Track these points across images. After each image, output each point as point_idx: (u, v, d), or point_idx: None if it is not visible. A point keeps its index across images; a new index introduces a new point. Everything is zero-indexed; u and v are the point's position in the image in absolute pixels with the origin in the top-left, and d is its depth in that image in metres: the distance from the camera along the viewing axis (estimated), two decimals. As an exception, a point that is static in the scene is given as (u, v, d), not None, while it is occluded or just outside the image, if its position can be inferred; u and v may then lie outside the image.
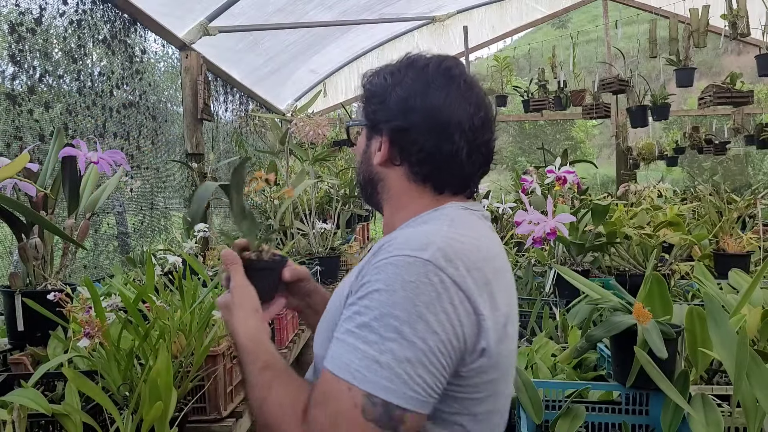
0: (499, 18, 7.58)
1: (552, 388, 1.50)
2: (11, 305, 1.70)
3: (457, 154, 1.01)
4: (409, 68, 1.07)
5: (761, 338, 1.64)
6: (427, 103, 1.01)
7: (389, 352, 0.81)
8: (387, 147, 1.03)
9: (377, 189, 1.07)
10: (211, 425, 1.82)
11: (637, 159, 8.51)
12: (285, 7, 5.13)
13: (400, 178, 1.04)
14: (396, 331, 0.81)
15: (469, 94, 1.04)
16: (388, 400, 0.80)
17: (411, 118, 1.01)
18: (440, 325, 0.83)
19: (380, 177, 1.06)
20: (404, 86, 1.04)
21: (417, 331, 0.81)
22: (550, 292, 2.53)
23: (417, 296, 0.83)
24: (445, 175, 1.02)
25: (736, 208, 3.21)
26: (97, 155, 1.82)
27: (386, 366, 0.80)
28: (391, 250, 0.90)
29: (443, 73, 1.05)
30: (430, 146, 1.00)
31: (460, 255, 0.88)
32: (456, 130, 1.00)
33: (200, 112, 4.33)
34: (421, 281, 0.84)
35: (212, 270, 3.15)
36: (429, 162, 1.01)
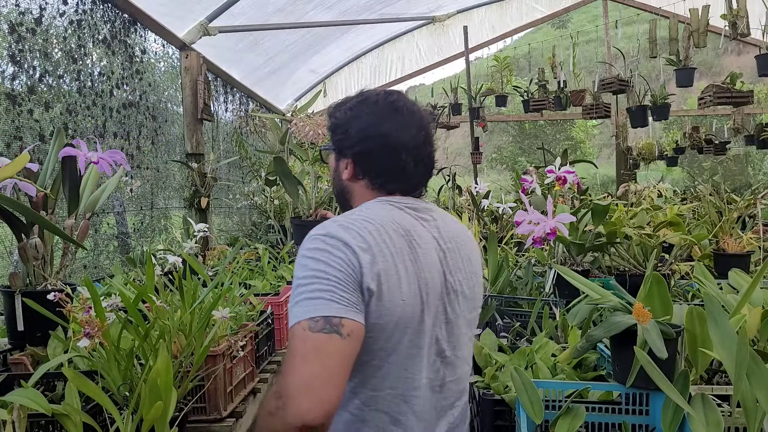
0: (499, 18, 7.58)
1: (552, 388, 1.50)
2: (11, 305, 1.70)
3: (406, 168, 1.32)
4: (364, 104, 1.37)
5: (761, 338, 1.64)
6: (380, 132, 1.32)
7: (309, 291, 1.14)
8: (352, 167, 1.36)
9: (347, 197, 1.41)
10: (211, 425, 1.82)
11: (637, 159, 8.51)
12: (285, 7, 5.12)
13: (363, 188, 1.37)
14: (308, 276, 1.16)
15: (411, 120, 1.35)
16: (323, 315, 1.11)
17: (368, 144, 1.33)
18: (334, 261, 1.16)
19: (349, 188, 1.40)
20: (361, 119, 1.35)
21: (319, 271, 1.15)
22: (550, 292, 2.53)
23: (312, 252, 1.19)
24: (397, 183, 1.34)
25: (736, 208, 3.21)
26: (97, 155, 1.82)
27: (314, 298, 1.13)
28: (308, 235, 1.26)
29: (389, 106, 1.35)
30: (384, 164, 1.33)
31: (347, 225, 1.21)
32: (403, 149, 1.31)
33: (200, 112, 4.33)
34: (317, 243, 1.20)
35: (212, 270, 3.15)
36: (384, 175, 1.34)
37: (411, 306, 1.19)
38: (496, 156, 21.20)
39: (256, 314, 2.36)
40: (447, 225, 1.35)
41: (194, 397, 1.80)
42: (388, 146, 1.33)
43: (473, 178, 6.11)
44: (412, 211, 1.31)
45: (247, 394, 2.11)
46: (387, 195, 1.35)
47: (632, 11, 7.47)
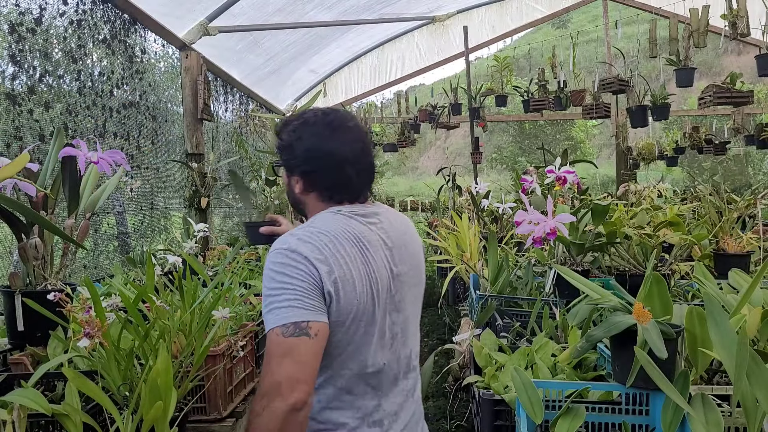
0: (499, 18, 7.58)
1: (552, 388, 1.50)
2: (11, 305, 1.70)
3: (350, 179, 1.47)
4: (304, 126, 1.50)
5: (761, 338, 1.64)
6: (323, 150, 1.47)
7: (279, 301, 1.31)
8: (301, 183, 1.51)
9: (301, 206, 1.57)
10: (211, 425, 1.82)
11: (637, 159, 8.51)
12: (285, 7, 5.12)
13: (314, 199, 1.52)
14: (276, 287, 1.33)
15: (348, 135, 1.49)
16: (293, 321, 1.28)
17: (313, 163, 1.48)
18: (297, 274, 1.32)
19: (302, 200, 1.55)
20: (303, 140, 1.49)
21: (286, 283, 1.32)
22: (550, 292, 2.53)
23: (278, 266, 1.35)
24: (343, 194, 1.49)
25: (736, 208, 3.21)
26: (97, 155, 1.82)
27: (284, 306, 1.29)
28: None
29: (328, 125, 1.49)
30: (330, 178, 1.48)
31: (306, 239, 1.37)
32: (345, 163, 1.46)
33: (200, 112, 4.33)
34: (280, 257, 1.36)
35: (212, 270, 3.15)
36: (331, 188, 1.49)
37: (364, 303, 1.37)
38: (496, 156, 21.20)
39: (256, 314, 2.36)
40: (392, 224, 1.52)
41: (194, 397, 1.80)
42: (332, 163, 1.48)
43: (473, 178, 6.11)
44: (361, 217, 1.47)
45: (247, 394, 2.11)
46: (336, 204, 1.50)
47: (632, 11, 7.47)
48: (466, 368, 2.42)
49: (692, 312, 1.49)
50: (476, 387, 1.79)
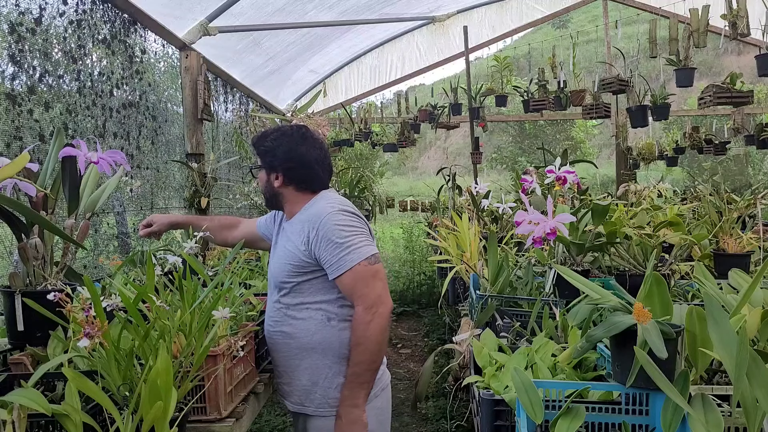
0: (499, 18, 7.58)
1: (552, 388, 1.50)
2: (11, 305, 1.70)
3: (318, 174, 2.08)
4: (284, 136, 2.07)
5: (761, 338, 1.64)
6: (298, 153, 2.05)
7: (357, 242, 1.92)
8: (282, 178, 2.06)
9: (279, 199, 2.11)
10: (211, 425, 1.82)
11: (637, 159, 8.51)
12: (285, 7, 5.12)
13: (291, 191, 2.08)
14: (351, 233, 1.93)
15: (315, 143, 2.09)
16: (372, 254, 1.92)
17: (291, 162, 2.05)
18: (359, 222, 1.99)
19: (280, 192, 2.09)
20: (284, 146, 2.05)
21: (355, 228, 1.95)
22: (550, 292, 2.53)
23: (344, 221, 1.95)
24: (314, 184, 2.09)
25: (736, 208, 3.21)
26: (97, 155, 1.82)
27: (362, 245, 1.92)
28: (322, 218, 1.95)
29: (302, 136, 2.08)
30: (303, 174, 2.06)
31: (343, 203, 2.03)
32: (314, 163, 2.07)
33: (200, 112, 4.33)
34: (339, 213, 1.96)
35: (212, 270, 3.15)
36: (305, 181, 2.07)
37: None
38: (496, 156, 21.19)
39: (256, 314, 2.36)
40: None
41: (194, 397, 1.80)
42: (305, 162, 2.05)
43: (473, 178, 6.11)
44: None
45: (247, 394, 2.11)
46: (312, 193, 2.08)
47: (632, 11, 7.47)
48: (466, 368, 2.42)
49: (692, 312, 1.49)
50: (476, 387, 1.79)
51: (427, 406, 4.52)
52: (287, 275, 2.02)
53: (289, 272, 2.01)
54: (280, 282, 2.05)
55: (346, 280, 1.89)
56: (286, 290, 2.04)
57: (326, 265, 1.93)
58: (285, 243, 2.08)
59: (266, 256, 3.35)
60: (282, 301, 2.05)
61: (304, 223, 1.99)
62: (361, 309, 1.87)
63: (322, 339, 1.98)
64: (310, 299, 2.00)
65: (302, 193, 2.07)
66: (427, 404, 4.55)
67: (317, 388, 2.02)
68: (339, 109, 7.97)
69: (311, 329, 1.99)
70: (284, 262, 2.03)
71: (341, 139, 7.72)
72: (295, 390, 2.06)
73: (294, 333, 2.02)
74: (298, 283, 2.00)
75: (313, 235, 1.93)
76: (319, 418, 2.02)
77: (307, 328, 1.99)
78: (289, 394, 2.08)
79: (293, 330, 2.02)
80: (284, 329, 2.04)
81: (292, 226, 2.06)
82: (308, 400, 2.03)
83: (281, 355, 2.07)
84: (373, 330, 1.86)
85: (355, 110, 7.90)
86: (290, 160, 2.04)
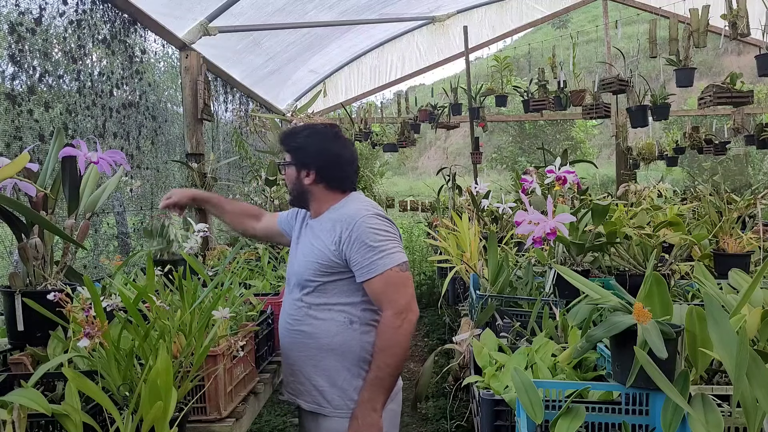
0: (499, 18, 7.57)
1: (552, 388, 1.50)
2: (11, 305, 1.70)
3: (348, 173, 2.09)
4: (317, 134, 2.06)
5: (761, 338, 1.64)
6: (331, 152, 2.05)
7: (391, 248, 1.92)
8: (313, 176, 2.04)
9: (306, 197, 2.08)
10: (211, 425, 1.82)
11: (637, 159, 8.51)
12: (285, 7, 5.12)
13: (321, 189, 2.06)
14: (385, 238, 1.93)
15: (346, 143, 2.11)
16: (403, 261, 1.93)
17: (324, 161, 2.04)
18: (393, 228, 1.99)
19: (308, 190, 2.06)
20: (317, 144, 2.04)
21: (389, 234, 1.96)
22: (550, 292, 2.53)
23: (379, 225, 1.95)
24: (345, 184, 2.08)
25: (736, 208, 3.21)
26: (97, 155, 1.82)
27: (395, 251, 1.92)
28: (356, 219, 1.94)
29: (334, 135, 2.08)
30: (335, 173, 2.06)
31: (376, 207, 2.03)
32: (344, 162, 2.07)
33: (200, 112, 4.33)
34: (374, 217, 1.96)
35: (212, 270, 3.15)
36: (336, 180, 2.06)
37: None
38: (496, 156, 21.19)
39: (256, 314, 2.36)
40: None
41: (194, 397, 1.80)
42: (337, 161, 2.05)
43: (473, 178, 6.11)
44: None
45: (247, 394, 2.11)
46: (342, 193, 2.07)
47: (632, 11, 7.47)
48: (466, 368, 2.42)
49: (692, 312, 1.49)
50: (476, 387, 1.79)
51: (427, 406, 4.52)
52: (313, 273, 1.99)
53: (315, 270, 1.99)
54: (305, 280, 2.01)
55: (377, 284, 1.89)
56: (310, 289, 2.00)
57: (356, 267, 1.92)
58: (312, 240, 2.05)
59: (266, 256, 3.35)
60: (304, 300, 2.02)
61: (335, 222, 1.97)
62: (390, 314, 1.87)
63: (342, 341, 1.96)
64: (333, 300, 1.98)
65: (332, 192, 2.06)
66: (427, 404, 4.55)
67: (335, 389, 1.99)
68: (339, 109, 7.97)
69: (332, 330, 1.97)
70: (311, 260, 2.00)
71: (341, 139, 7.70)
72: (310, 390, 2.02)
73: (314, 333, 1.99)
74: (323, 282, 1.98)
75: (346, 236, 1.92)
76: (337, 419, 1.99)
77: (328, 329, 1.97)
78: (303, 393, 2.05)
79: (313, 330, 1.99)
80: (304, 328, 2.01)
81: (320, 224, 2.04)
82: (325, 401, 2.00)
83: (298, 354, 2.03)
84: (401, 336, 1.86)
85: (355, 110, 7.90)
86: (323, 158, 2.03)
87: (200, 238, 2.66)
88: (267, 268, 3.26)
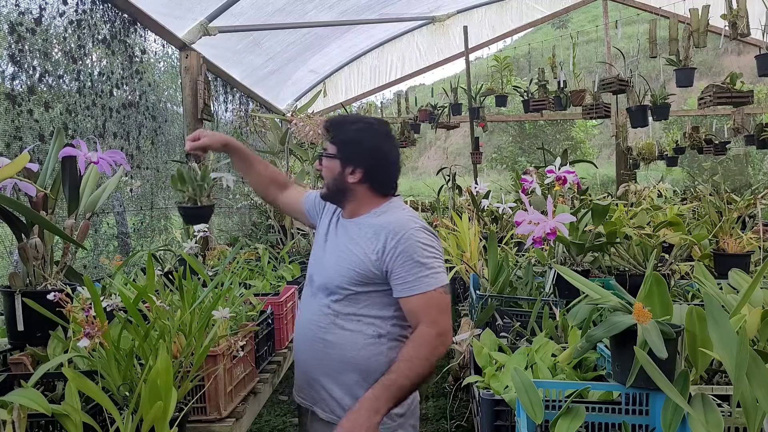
0: (499, 18, 7.57)
1: (552, 388, 1.50)
2: (11, 305, 1.70)
3: (393, 177, 1.92)
4: (371, 129, 1.88)
5: (761, 338, 1.64)
6: (383, 151, 1.88)
7: (437, 266, 1.78)
8: (360, 174, 1.84)
9: (345, 195, 1.88)
10: (211, 425, 1.82)
11: (637, 159, 8.51)
12: (285, 7, 5.12)
13: (365, 190, 1.87)
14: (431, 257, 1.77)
15: (395, 142, 1.94)
16: (447, 283, 1.77)
17: (375, 160, 1.86)
18: (439, 245, 1.84)
19: (350, 189, 1.86)
20: (370, 140, 1.86)
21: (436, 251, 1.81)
22: (550, 292, 2.53)
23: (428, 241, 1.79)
24: (387, 187, 1.91)
25: (736, 208, 3.21)
26: (97, 155, 1.82)
27: (441, 272, 1.78)
28: (406, 231, 1.78)
29: (385, 133, 1.91)
30: (383, 175, 1.89)
31: (420, 218, 1.88)
32: (392, 164, 1.91)
33: (200, 112, 4.33)
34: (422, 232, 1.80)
35: (212, 270, 3.15)
36: (382, 182, 1.89)
37: None
38: (496, 156, 21.19)
39: (256, 314, 2.36)
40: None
41: (194, 397, 1.80)
42: (387, 162, 1.89)
43: (473, 178, 6.11)
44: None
45: (247, 394, 2.11)
46: (383, 196, 1.90)
47: (632, 11, 7.47)
48: (466, 368, 2.42)
49: (692, 312, 1.49)
50: (476, 387, 1.79)
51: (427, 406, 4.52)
52: (349, 282, 1.82)
53: (351, 279, 1.82)
54: (336, 286, 1.84)
55: (417, 302, 1.75)
56: (340, 297, 1.84)
57: (397, 281, 1.78)
58: (348, 244, 1.87)
59: (266, 256, 3.35)
60: (332, 307, 1.85)
61: (379, 230, 1.81)
62: (431, 331, 1.73)
63: (368, 356, 1.82)
64: (364, 312, 1.83)
65: (375, 194, 1.88)
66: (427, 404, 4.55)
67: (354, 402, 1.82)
68: (339, 109, 7.97)
69: (359, 343, 1.82)
70: (348, 266, 1.83)
71: (341, 139, 7.70)
72: (327, 399, 1.88)
73: (339, 343, 1.83)
74: (356, 292, 1.82)
75: (391, 246, 1.77)
76: None
77: (354, 341, 1.82)
78: (319, 401, 1.90)
79: (338, 340, 1.83)
80: (328, 337, 1.84)
81: (358, 229, 1.87)
82: (344, 411, 1.83)
83: (317, 364, 1.87)
84: (433, 355, 1.72)
85: (355, 110, 7.90)
86: (373, 157, 1.85)
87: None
88: (267, 268, 3.26)
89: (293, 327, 2.89)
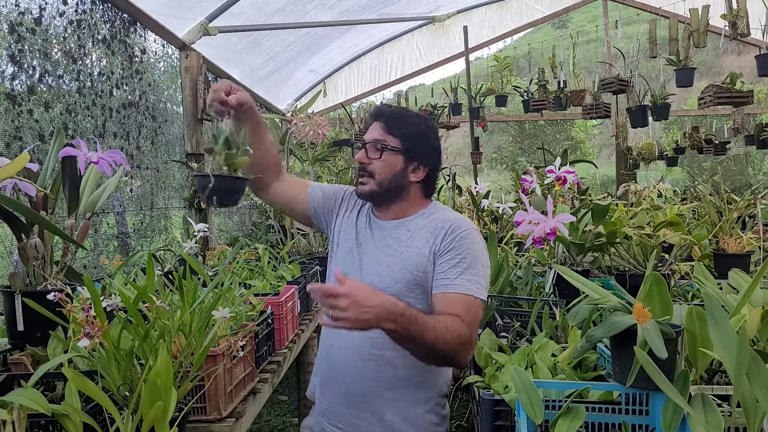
0: (499, 18, 7.58)
1: (552, 388, 1.50)
2: (11, 305, 1.70)
3: (437, 179, 1.81)
4: (430, 127, 1.76)
5: (761, 338, 1.64)
6: (438, 152, 1.77)
7: (486, 277, 1.65)
8: (423, 173, 1.72)
9: (398, 194, 1.72)
10: (211, 425, 1.82)
11: (637, 159, 8.51)
12: (285, 7, 5.12)
13: (419, 189, 1.75)
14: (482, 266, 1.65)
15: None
16: (484, 299, 1.63)
17: (437, 159, 1.75)
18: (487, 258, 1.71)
19: (407, 187, 1.72)
20: (432, 138, 1.74)
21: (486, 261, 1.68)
22: (550, 292, 2.53)
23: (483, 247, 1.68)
24: (434, 189, 1.82)
25: (736, 208, 3.21)
26: (97, 155, 1.82)
27: (484, 285, 1.63)
28: (461, 227, 1.67)
29: (437, 133, 1.79)
30: (435, 175, 1.77)
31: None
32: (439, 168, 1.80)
33: (200, 112, 4.33)
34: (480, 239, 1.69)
35: (212, 270, 3.15)
36: (432, 183, 1.78)
37: None
38: (496, 156, 21.19)
39: (256, 314, 2.36)
40: None
41: (194, 397, 1.80)
42: (439, 164, 1.79)
43: (473, 178, 6.11)
44: None
45: (247, 394, 2.11)
46: (428, 198, 1.79)
47: (632, 11, 7.47)
48: (466, 368, 2.42)
49: (692, 312, 1.49)
50: (476, 387, 1.79)
51: (427, 406, 4.51)
52: (405, 287, 1.65)
53: (408, 283, 1.65)
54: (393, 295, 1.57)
55: (456, 300, 1.58)
56: None
57: (441, 275, 1.62)
58: (396, 246, 1.69)
59: (266, 256, 3.35)
60: None
61: (439, 226, 1.67)
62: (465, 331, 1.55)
63: (429, 375, 1.68)
64: None
65: (423, 195, 1.76)
66: (427, 404, 4.54)
67: (406, 424, 1.69)
68: (339, 109, 7.97)
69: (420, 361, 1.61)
70: (405, 269, 1.66)
71: (341, 139, 7.71)
72: (371, 425, 1.69)
73: (397, 361, 1.64)
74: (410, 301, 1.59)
75: (450, 238, 1.63)
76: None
77: (416, 359, 1.60)
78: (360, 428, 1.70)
79: (397, 357, 1.63)
80: (387, 354, 1.64)
81: (407, 231, 1.70)
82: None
83: (368, 384, 1.68)
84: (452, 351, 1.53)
85: (355, 110, 7.90)
86: (436, 156, 1.74)
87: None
88: (267, 268, 3.26)
89: (293, 327, 2.89)
